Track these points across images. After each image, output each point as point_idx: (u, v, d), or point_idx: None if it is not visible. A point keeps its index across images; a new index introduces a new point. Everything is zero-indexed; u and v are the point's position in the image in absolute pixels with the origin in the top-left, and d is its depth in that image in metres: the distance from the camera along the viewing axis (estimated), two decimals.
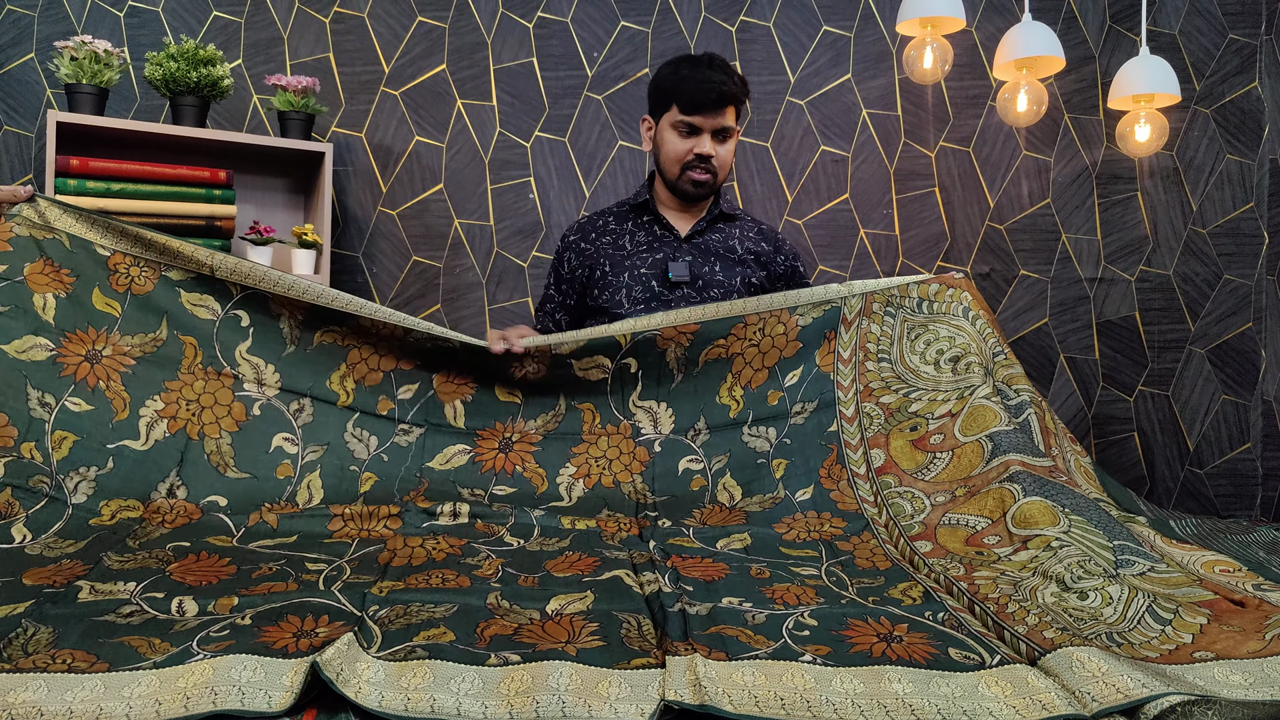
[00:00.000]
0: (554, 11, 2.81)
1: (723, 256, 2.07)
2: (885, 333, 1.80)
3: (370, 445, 1.60)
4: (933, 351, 1.76)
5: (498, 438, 1.66)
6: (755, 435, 1.71)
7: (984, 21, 2.88)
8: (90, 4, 2.59)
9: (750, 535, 1.51)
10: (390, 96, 2.75)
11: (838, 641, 1.06)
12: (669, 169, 2.05)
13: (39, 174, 2.51)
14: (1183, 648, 1.03)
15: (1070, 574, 1.24)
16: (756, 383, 1.75)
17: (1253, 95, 2.90)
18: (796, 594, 1.23)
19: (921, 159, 2.89)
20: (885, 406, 1.71)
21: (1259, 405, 2.92)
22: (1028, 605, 1.16)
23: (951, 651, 1.03)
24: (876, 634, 1.09)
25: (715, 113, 1.99)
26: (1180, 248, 2.93)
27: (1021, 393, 1.71)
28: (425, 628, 1.08)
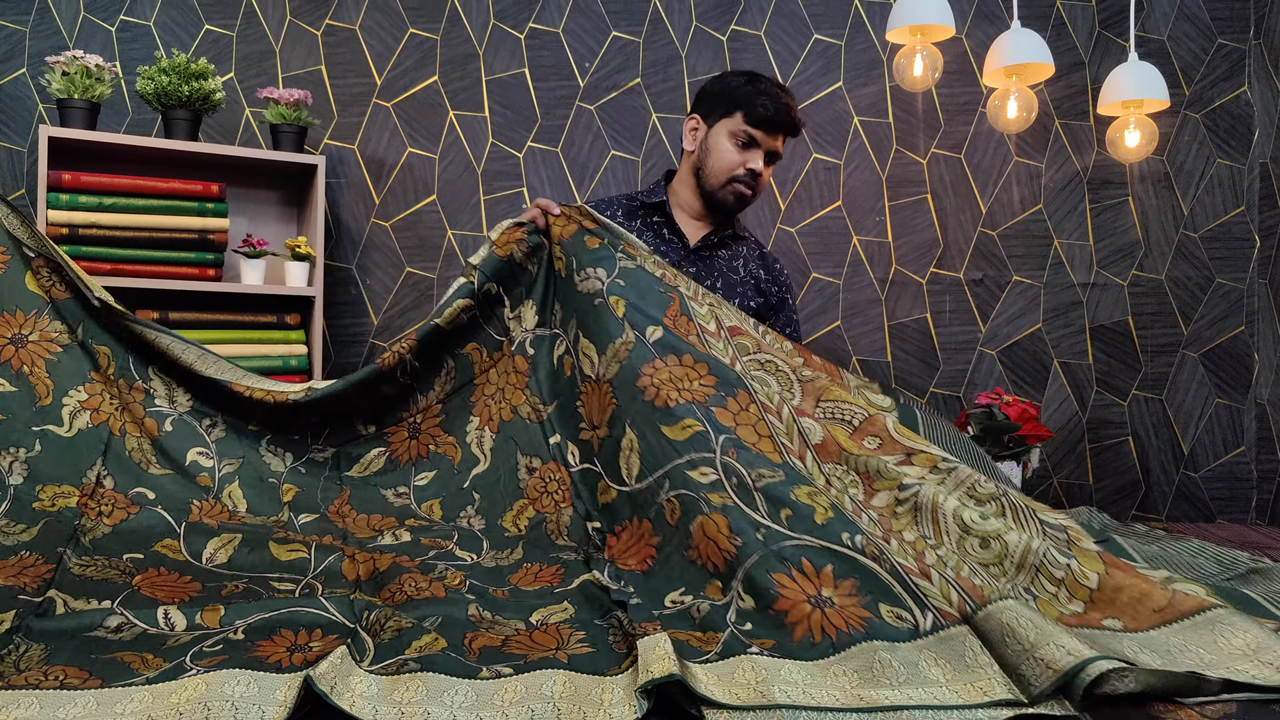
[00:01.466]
0: (545, 22, 2.81)
1: (725, 276, 2.04)
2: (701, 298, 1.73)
3: (286, 460, 1.57)
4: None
5: (406, 426, 1.62)
6: (588, 277, 1.61)
7: (974, 29, 2.90)
8: (82, 19, 2.59)
9: (635, 433, 1.42)
10: (382, 108, 2.76)
11: (777, 627, 1.07)
12: (714, 176, 2.00)
13: (31, 189, 2.51)
14: (1089, 609, 1.09)
15: (968, 512, 1.27)
16: (567, 234, 1.68)
17: (1242, 100, 2.92)
18: (714, 539, 1.21)
19: (913, 166, 2.90)
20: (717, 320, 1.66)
21: (1252, 408, 2.92)
22: (945, 556, 1.19)
23: (882, 609, 1.05)
24: (806, 598, 1.08)
25: (777, 134, 1.98)
26: (1172, 252, 2.94)
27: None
28: (415, 636, 1.08)
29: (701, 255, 2.05)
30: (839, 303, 2.87)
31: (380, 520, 1.50)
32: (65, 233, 2.24)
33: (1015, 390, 2.89)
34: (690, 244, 2.05)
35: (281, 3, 2.71)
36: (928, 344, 2.89)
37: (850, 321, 2.86)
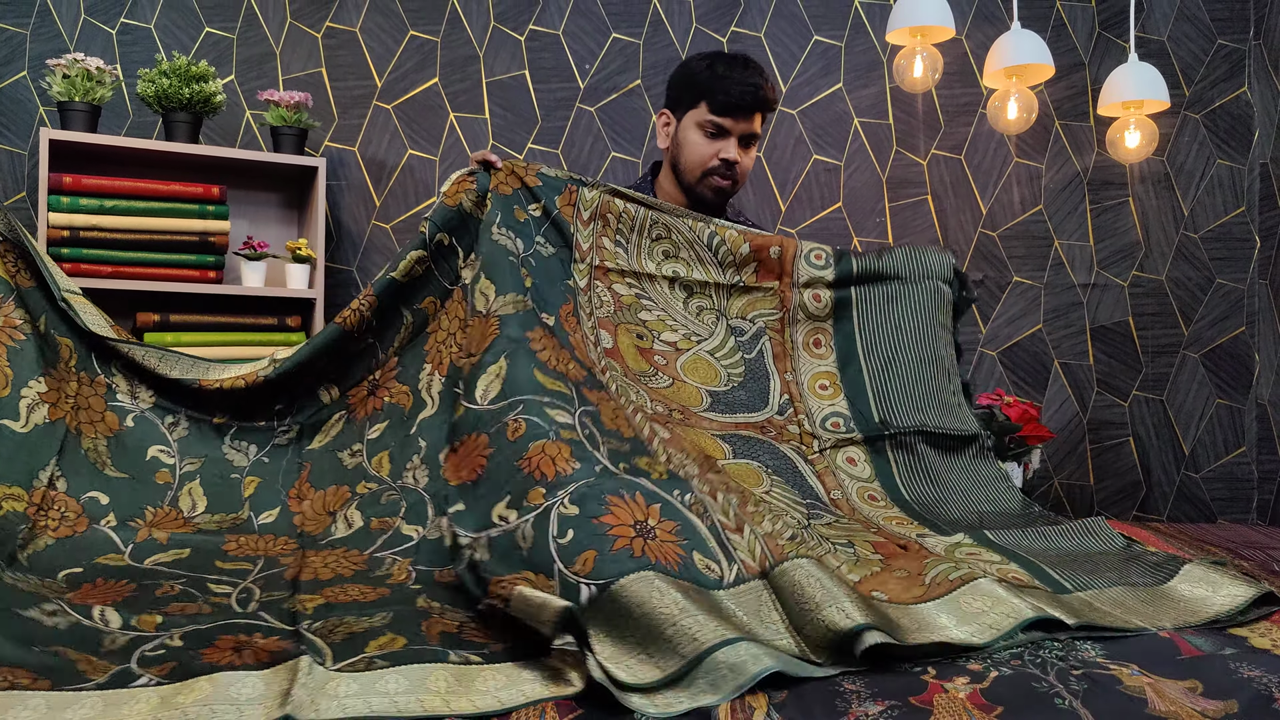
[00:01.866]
0: (545, 24, 2.82)
1: None
2: (627, 213, 1.74)
3: (250, 454, 1.54)
4: (669, 268, 1.75)
5: (366, 384, 1.59)
6: (505, 236, 1.62)
7: (974, 30, 2.90)
8: (82, 21, 2.59)
9: (506, 358, 1.43)
10: (383, 110, 2.76)
11: (600, 539, 1.07)
12: (689, 172, 1.94)
13: (32, 192, 2.51)
14: (866, 580, 1.16)
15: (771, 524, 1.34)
16: (503, 191, 1.68)
17: (1242, 100, 2.92)
18: (553, 455, 1.21)
19: (913, 167, 2.90)
20: (617, 296, 1.69)
21: (1253, 409, 2.92)
22: (762, 511, 1.25)
23: (696, 557, 1.08)
24: (633, 521, 1.09)
25: (746, 117, 1.88)
26: (1172, 253, 2.94)
27: (757, 320, 1.74)
28: (371, 637, 1.04)
29: None
30: None
31: (334, 494, 1.46)
32: (66, 235, 2.24)
33: (1016, 391, 2.89)
34: None
35: (282, 5, 2.72)
36: None
37: None
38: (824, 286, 1.77)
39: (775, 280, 1.77)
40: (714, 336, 1.71)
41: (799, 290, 1.77)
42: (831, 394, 1.70)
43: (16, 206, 2.53)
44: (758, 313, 1.76)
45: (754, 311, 1.76)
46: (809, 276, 1.77)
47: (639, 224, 1.74)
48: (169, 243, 2.34)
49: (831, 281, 1.77)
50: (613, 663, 0.94)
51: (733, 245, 1.77)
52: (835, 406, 1.69)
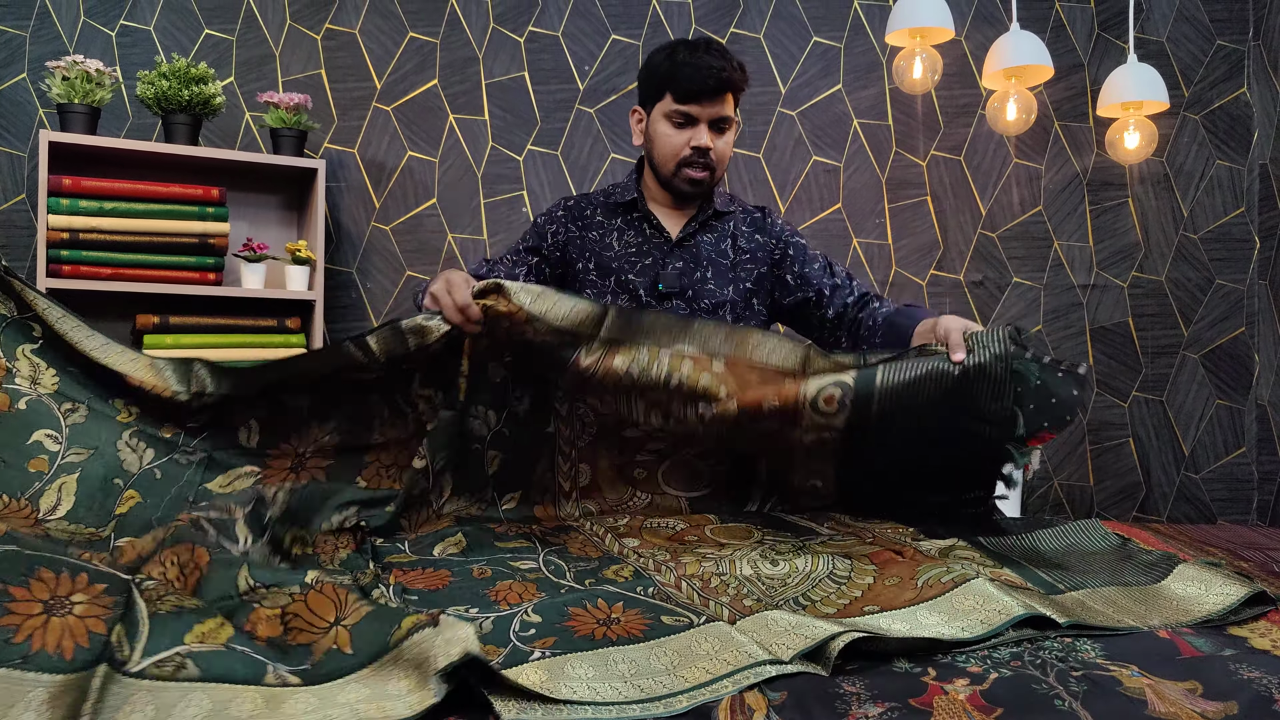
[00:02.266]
0: (545, 26, 2.82)
1: (715, 262, 1.92)
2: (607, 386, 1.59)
3: (144, 458, 1.40)
4: (655, 416, 1.60)
5: (290, 456, 1.46)
6: (476, 417, 1.52)
7: (973, 31, 2.90)
8: (82, 23, 2.59)
9: (465, 536, 1.39)
10: (382, 112, 2.76)
11: (562, 631, 1.06)
12: (663, 165, 1.88)
13: (31, 194, 2.51)
14: (855, 603, 1.16)
15: (761, 556, 1.32)
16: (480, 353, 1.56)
17: (1241, 101, 2.92)
18: (519, 591, 1.19)
19: (913, 168, 2.90)
20: (599, 413, 1.56)
21: (1253, 410, 2.92)
22: (728, 579, 1.24)
23: (663, 619, 1.09)
24: (596, 619, 1.09)
25: (713, 101, 1.81)
26: (1172, 253, 2.94)
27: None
28: (198, 619, 0.96)
29: (686, 246, 1.92)
30: None
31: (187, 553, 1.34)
32: (66, 237, 2.24)
33: None
34: (673, 236, 1.93)
35: (281, 7, 2.72)
36: None
37: None
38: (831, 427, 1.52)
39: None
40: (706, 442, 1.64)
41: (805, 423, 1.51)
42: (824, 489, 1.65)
43: (16, 209, 2.53)
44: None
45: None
46: (810, 422, 1.50)
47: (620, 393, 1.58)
48: (168, 244, 2.34)
49: (841, 427, 1.49)
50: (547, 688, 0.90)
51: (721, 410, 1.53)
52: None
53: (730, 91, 1.85)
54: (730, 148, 1.90)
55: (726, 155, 1.90)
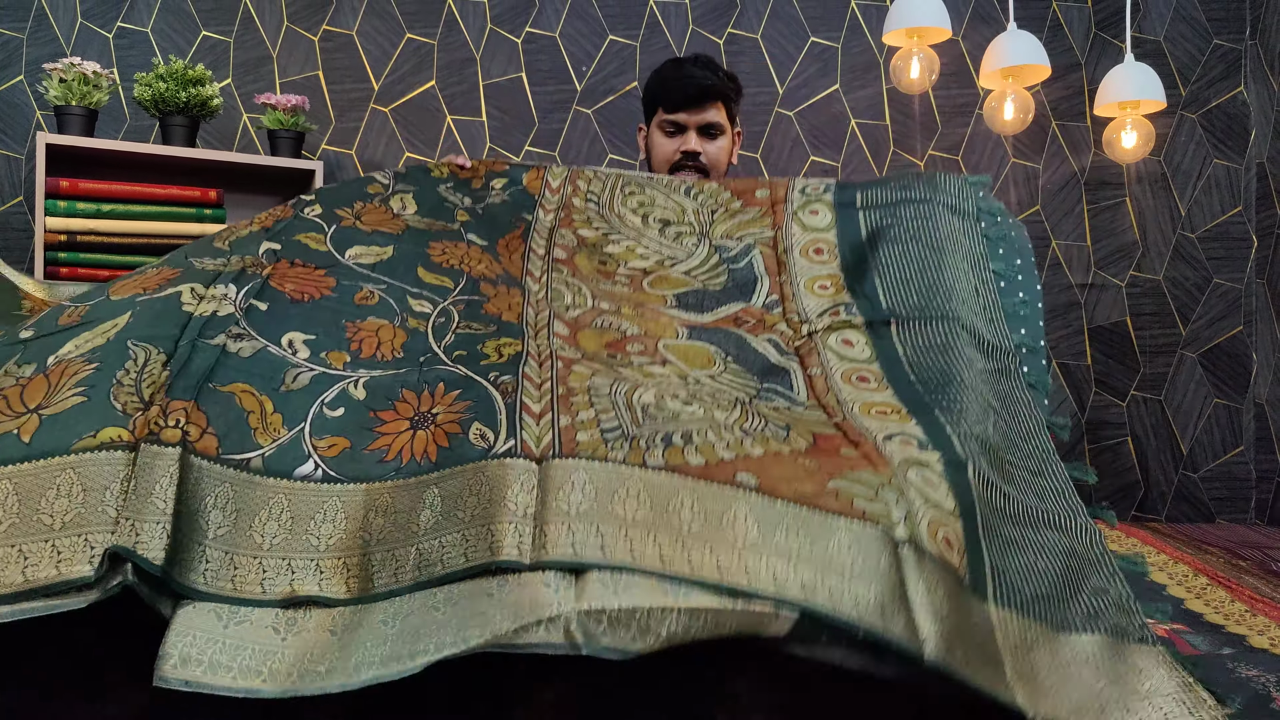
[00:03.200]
0: (542, 26, 2.82)
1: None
2: (598, 176, 1.68)
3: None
4: (643, 209, 1.60)
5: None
6: (451, 192, 1.56)
7: (970, 31, 2.90)
8: (79, 25, 2.59)
9: (395, 249, 1.30)
10: (380, 113, 2.76)
11: (360, 432, 0.94)
12: (659, 171, 2.02)
13: (29, 196, 2.51)
14: (734, 462, 0.90)
15: (687, 394, 1.07)
16: (466, 175, 1.64)
17: (1238, 100, 2.92)
18: (378, 341, 1.08)
19: (911, 168, 2.90)
20: (581, 237, 1.53)
21: (1251, 408, 2.93)
22: (599, 401, 1.01)
23: (472, 431, 0.93)
24: (410, 418, 0.97)
25: (698, 109, 1.96)
26: (1170, 252, 2.94)
27: (746, 238, 1.53)
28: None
29: None
30: None
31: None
32: (64, 239, 2.24)
33: None
34: None
35: (279, 8, 2.72)
36: None
37: None
38: (823, 204, 1.58)
39: (767, 205, 1.60)
40: (693, 257, 1.51)
41: (794, 212, 1.57)
42: (833, 292, 1.43)
43: (13, 211, 2.53)
44: (747, 232, 1.55)
45: (742, 231, 1.55)
46: (805, 200, 1.59)
47: (611, 183, 1.66)
48: (166, 246, 2.33)
49: (832, 201, 1.58)
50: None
51: (711, 193, 1.64)
52: (837, 299, 1.41)
53: (716, 99, 1.98)
54: (724, 153, 2.04)
55: (719, 160, 2.02)
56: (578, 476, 0.86)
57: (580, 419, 0.96)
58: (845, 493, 0.88)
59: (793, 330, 1.36)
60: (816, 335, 1.33)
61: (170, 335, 0.98)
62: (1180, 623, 1.14)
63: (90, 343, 0.96)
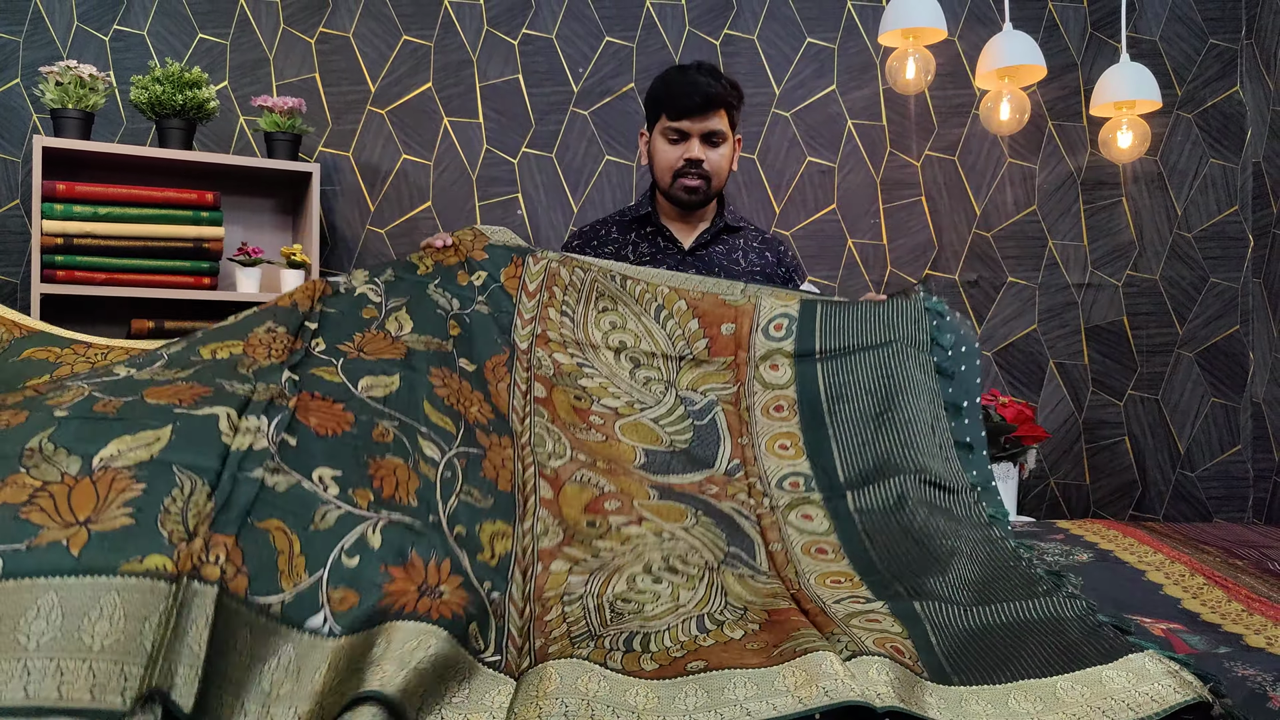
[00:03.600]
0: (539, 28, 2.82)
1: (726, 269, 2.04)
2: (574, 284, 1.69)
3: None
4: (615, 339, 1.66)
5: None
6: (439, 293, 1.58)
7: (966, 31, 2.90)
8: (75, 29, 2.59)
9: (401, 377, 1.34)
10: (377, 115, 2.76)
11: (370, 589, 0.97)
12: (662, 178, 2.02)
13: (26, 199, 2.51)
14: (685, 657, 0.99)
15: (664, 559, 1.18)
16: (448, 261, 1.66)
17: (1234, 99, 2.93)
18: (397, 482, 1.11)
19: (907, 168, 2.90)
20: (557, 363, 1.59)
21: (1248, 407, 2.93)
22: (571, 609, 1.10)
23: (470, 629, 0.99)
24: (418, 585, 1.00)
25: (701, 117, 1.96)
26: (1166, 252, 2.95)
27: (709, 393, 1.62)
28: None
29: (699, 255, 2.06)
30: None
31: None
32: (60, 243, 2.24)
33: (1011, 391, 2.89)
34: (686, 246, 2.06)
35: (275, 11, 2.72)
36: None
37: None
38: (783, 357, 1.66)
39: (730, 355, 1.67)
40: (661, 405, 1.59)
41: (755, 365, 1.66)
42: (793, 454, 1.55)
43: (10, 214, 2.53)
44: (710, 386, 1.63)
45: (706, 385, 1.64)
46: (767, 349, 1.67)
47: (585, 294, 1.69)
48: (163, 249, 2.34)
49: (792, 353, 1.66)
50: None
51: (680, 320, 1.69)
52: (796, 466, 1.53)
53: (719, 108, 1.99)
54: (726, 160, 2.05)
55: (721, 167, 2.04)
56: (549, 669, 0.96)
57: (552, 635, 1.05)
58: (789, 649, 0.97)
59: (754, 499, 1.47)
60: (778, 510, 1.44)
61: (212, 467, 1.01)
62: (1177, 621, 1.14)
63: (134, 454, 0.98)
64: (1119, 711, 0.89)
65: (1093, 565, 1.39)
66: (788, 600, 1.17)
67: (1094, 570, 1.37)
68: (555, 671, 0.94)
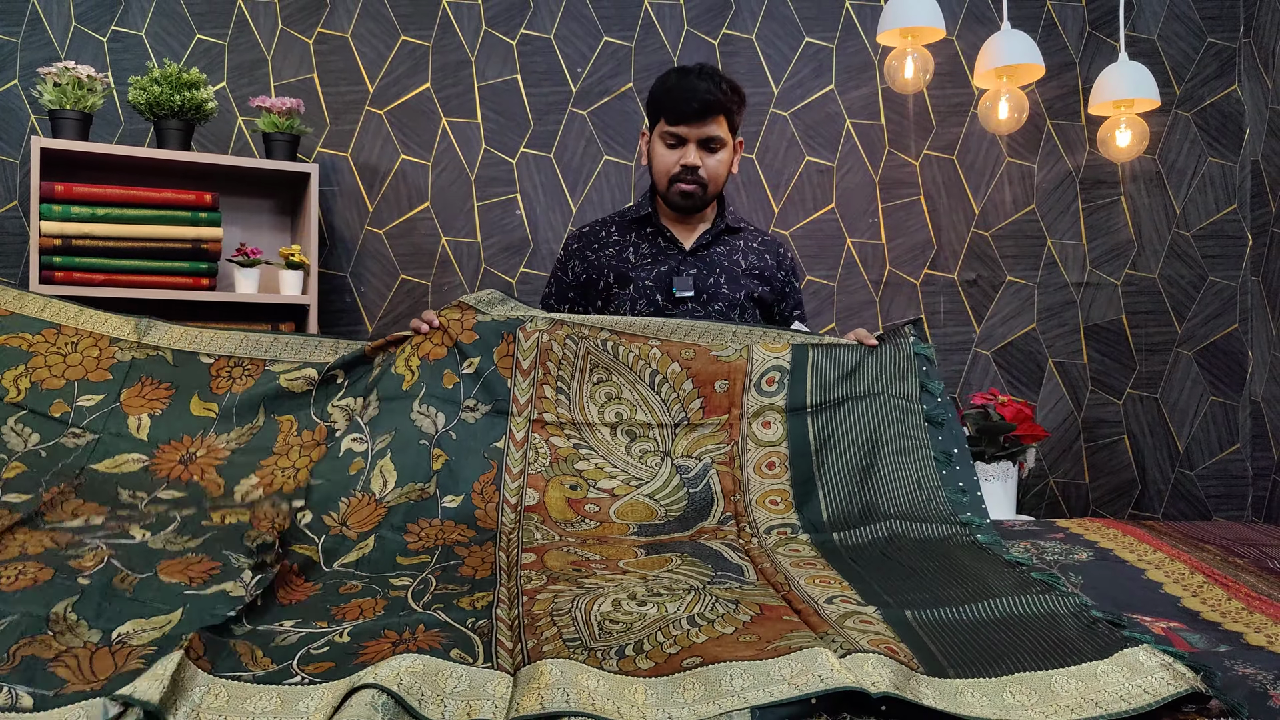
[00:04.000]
0: (537, 28, 2.82)
1: (727, 270, 2.04)
2: (567, 358, 1.70)
3: (28, 441, 1.50)
4: (612, 411, 1.68)
5: (181, 451, 1.56)
6: (424, 414, 1.60)
7: (964, 30, 2.90)
8: (73, 29, 2.59)
9: (375, 540, 1.42)
10: (375, 116, 2.76)
11: (345, 658, 1.03)
12: (659, 181, 2.02)
13: (24, 200, 2.51)
14: (680, 654, 1.00)
15: (649, 590, 1.20)
16: (435, 356, 1.66)
17: (1232, 98, 2.93)
18: (360, 609, 1.19)
19: (906, 167, 2.90)
20: (554, 448, 1.62)
21: (1247, 406, 2.93)
22: (560, 619, 1.13)
23: (452, 653, 1.02)
24: (393, 642, 1.06)
25: (700, 122, 1.94)
26: (1165, 251, 2.95)
27: (704, 456, 1.64)
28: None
29: (699, 255, 2.05)
30: (833, 305, 2.87)
31: (92, 508, 1.42)
32: (58, 244, 2.24)
33: (1010, 390, 2.89)
34: (686, 247, 2.06)
35: (273, 11, 2.71)
36: None
37: (845, 324, 2.86)
38: (775, 413, 1.68)
39: (724, 414, 1.68)
40: (656, 478, 1.62)
41: (748, 422, 1.67)
42: (783, 509, 1.59)
43: (8, 215, 2.53)
44: (704, 449, 1.65)
45: (700, 449, 1.65)
46: (759, 405, 1.68)
47: (579, 367, 1.69)
48: (162, 250, 2.33)
49: (784, 408, 1.68)
50: None
51: (675, 383, 1.69)
52: (785, 519, 1.57)
53: (718, 114, 1.98)
54: (724, 166, 2.04)
55: (718, 173, 2.03)
56: (544, 665, 0.97)
57: (544, 636, 1.08)
58: (784, 646, 0.99)
59: (744, 540, 1.50)
60: (766, 547, 1.47)
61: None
62: (1177, 620, 1.14)
63: (148, 634, 1.09)
64: (1112, 703, 0.91)
65: (1092, 564, 1.39)
66: (779, 600, 1.19)
67: (1094, 569, 1.36)
68: (554, 667, 0.96)
